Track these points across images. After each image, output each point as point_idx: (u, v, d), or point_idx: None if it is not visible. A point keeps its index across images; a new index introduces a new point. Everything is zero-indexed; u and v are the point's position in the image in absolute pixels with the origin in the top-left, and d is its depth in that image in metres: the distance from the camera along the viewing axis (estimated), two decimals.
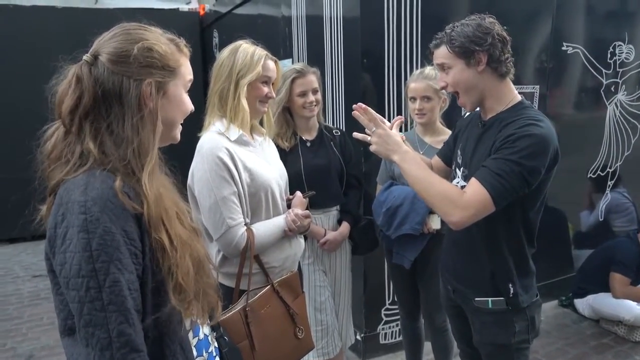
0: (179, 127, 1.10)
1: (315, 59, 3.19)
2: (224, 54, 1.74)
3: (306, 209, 1.89)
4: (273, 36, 3.85)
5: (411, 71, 2.78)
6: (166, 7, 6.25)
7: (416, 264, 2.30)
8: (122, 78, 0.96)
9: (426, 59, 1.90)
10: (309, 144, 2.33)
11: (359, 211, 2.48)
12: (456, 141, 1.82)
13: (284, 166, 1.94)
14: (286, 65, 2.72)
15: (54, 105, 0.98)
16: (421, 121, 2.28)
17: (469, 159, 1.66)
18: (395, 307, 2.94)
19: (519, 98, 1.61)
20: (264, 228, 1.73)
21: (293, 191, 1.95)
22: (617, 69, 3.75)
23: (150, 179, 0.96)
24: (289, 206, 1.88)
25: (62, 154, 0.97)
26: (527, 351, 1.69)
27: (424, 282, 2.36)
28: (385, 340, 3.10)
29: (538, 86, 3.40)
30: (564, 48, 3.48)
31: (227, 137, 1.68)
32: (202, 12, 6.35)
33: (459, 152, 1.74)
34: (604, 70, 3.70)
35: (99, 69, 0.96)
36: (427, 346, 2.59)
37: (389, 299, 3.06)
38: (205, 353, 1.22)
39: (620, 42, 3.72)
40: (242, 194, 1.67)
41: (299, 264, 2.00)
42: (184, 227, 1.05)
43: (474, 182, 1.46)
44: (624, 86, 3.82)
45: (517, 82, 3.26)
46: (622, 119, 3.88)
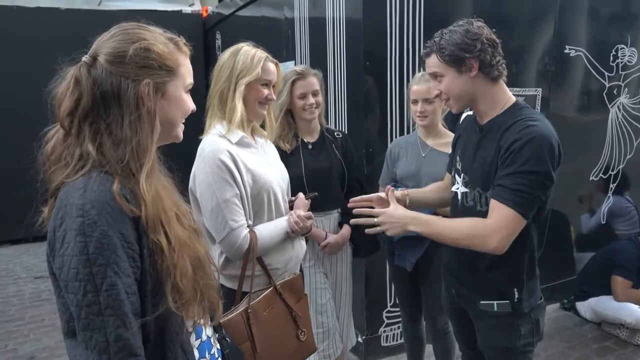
0: (181, 126, 1.09)
1: (318, 61, 3.19)
2: (224, 55, 1.75)
3: (308, 210, 1.89)
4: (276, 38, 3.86)
5: (413, 73, 2.78)
6: (169, 9, 6.25)
7: (418, 266, 2.30)
8: (120, 79, 0.95)
9: None
10: (310, 146, 2.32)
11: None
12: (455, 148, 1.82)
13: (285, 168, 1.93)
14: (289, 67, 2.72)
15: (55, 107, 0.97)
16: (423, 123, 2.28)
17: (469, 165, 1.65)
18: (397, 309, 2.93)
19: (513, 100, 1.61)
20: (267, 230, 1.72)
21: (294, 193, 1.95)
22: (620, 72, 3.75)
23: (148, 179, 0.96)
24: (291, 208, 1.88)
25: (62, 156, 0.96)
26: (531, 354, 1.68)
27: (426, 285, 2.35)
28: (386, 342, 3.10)
29: (540, 89, 3.40)
30: (566, 51, 3.47)
31: (229, 140, 1.68)
32: (204, 14, 6.35)
33: (458, 158, 1.74)
34: (606, 73, 3.69)
35: (97, 70, 0.96)
36: (429, 349, 2.58)
37: (390, 302, 3.06)
38: (207, 355, 1.21)
39: (622, 45, 3.71)
40: (245, 195, 1.67)
41: (300, 266, 2.00)
42: (184, 228, 1.04)
43: (495, 204, 1.48)
44: (626, 89, 3.81)
45: (520, 85, 3.28)
46: (624, 121, 3.87)
